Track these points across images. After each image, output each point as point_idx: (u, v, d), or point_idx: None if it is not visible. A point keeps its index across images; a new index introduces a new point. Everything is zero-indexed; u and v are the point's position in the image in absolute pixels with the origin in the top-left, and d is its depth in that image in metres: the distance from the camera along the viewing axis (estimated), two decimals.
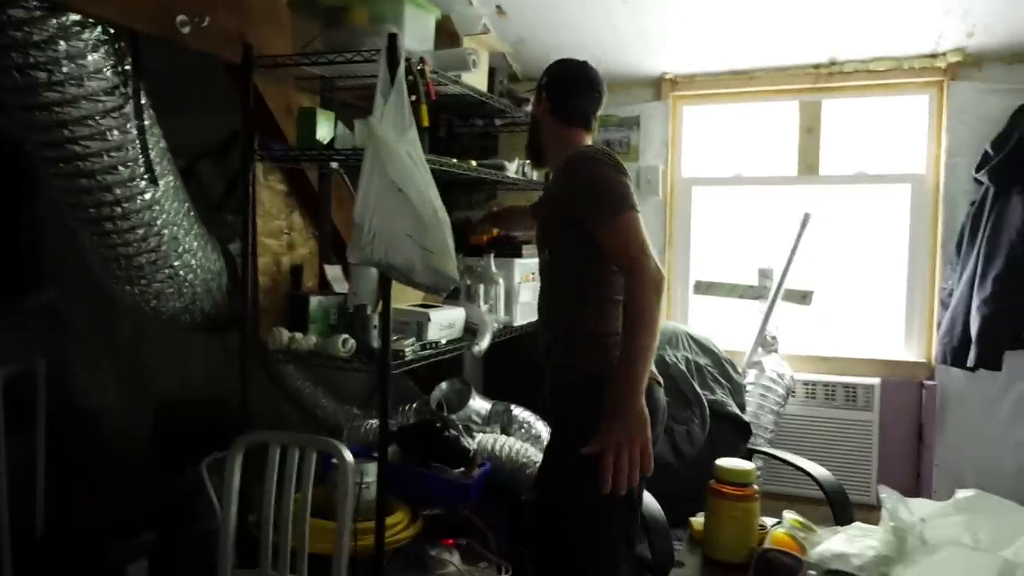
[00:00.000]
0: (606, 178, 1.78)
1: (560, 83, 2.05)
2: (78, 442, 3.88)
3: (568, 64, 2.09)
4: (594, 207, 1.77)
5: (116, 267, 2.31)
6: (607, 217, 1.75)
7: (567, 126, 2.02)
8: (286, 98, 2.51)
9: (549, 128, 2.05)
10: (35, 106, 1.97)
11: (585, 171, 1.83)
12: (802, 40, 2.96)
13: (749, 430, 2.90)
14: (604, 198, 1.76)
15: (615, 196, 1.76)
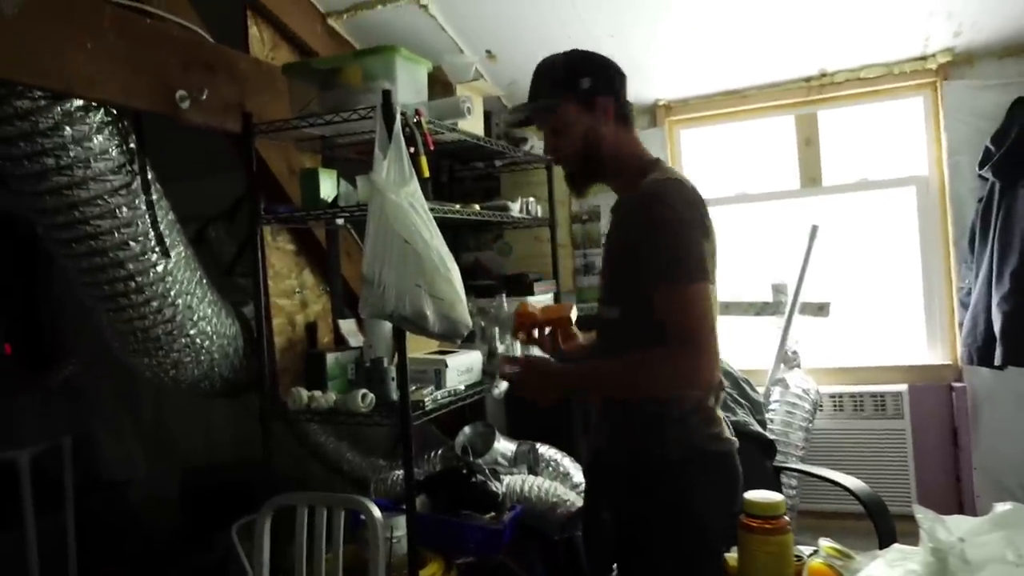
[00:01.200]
0: (674, 229, 1.40)
1: (608, 76, 1.60)
2: (106, 515, 3.89)
3: (590, 54, 1.63)
4: (652, 262, 1.41)
5: (133, 340, 2.33)
6: (673, 279, 1.39)
7: (628, 130, 1.61)
8: (288, 160, 2.56)
9: (612, 139, 1.57)
10: (45, 191, 2.01)
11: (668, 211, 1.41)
12: (791, 55, 2.98)
13: (774, 448, 2.85)
14: (679, 254, 1.39)
15: (686, 256, 1.39)
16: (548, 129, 1.62)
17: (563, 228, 3.47)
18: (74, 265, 2.18)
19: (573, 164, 1.61)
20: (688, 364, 1.37)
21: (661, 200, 1.42)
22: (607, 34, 2.80)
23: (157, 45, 2.10)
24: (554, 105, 1.57)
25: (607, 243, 1.64)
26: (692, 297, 1.38)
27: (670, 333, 1.38)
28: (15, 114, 1.89)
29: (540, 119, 1.64)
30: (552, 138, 1.62)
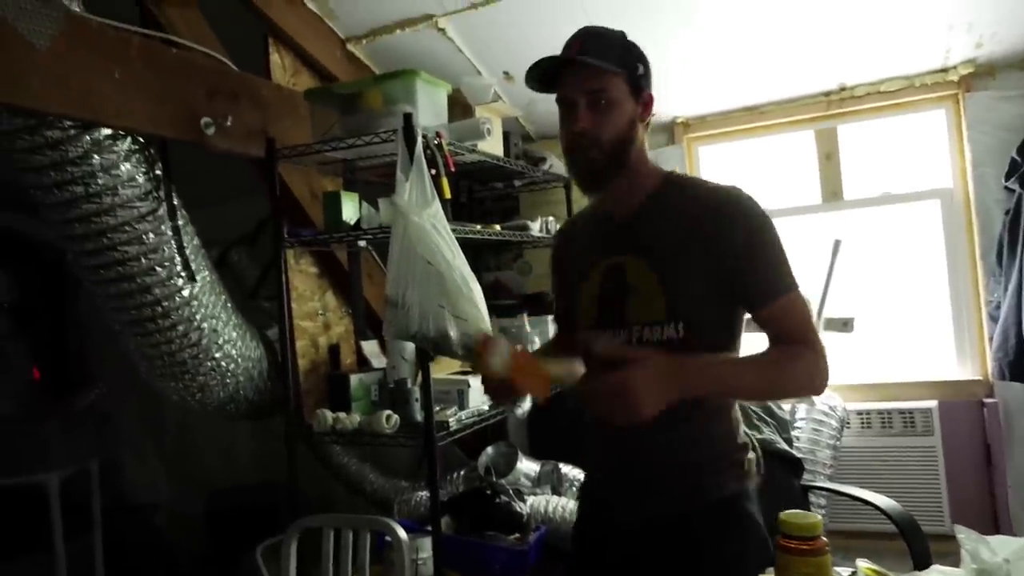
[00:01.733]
0: (777, 238, 1.33)
1: (651, 75, 1.41)
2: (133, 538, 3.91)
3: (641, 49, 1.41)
4: (770, 270, 1.30)
5: (160, 364, 2.36)
6: (782, 288, 1.30)
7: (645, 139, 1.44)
8: (310, 184, 2.59)
9: (641, 140, 1.40)
10: (75, 218, 2.05)
11: (765, 222, 1.32)
12: (809, 70, 2.98)
13: (801, 466, 2.81)
14: (785, 262, 1.32)
15: (787, 263, 1.33)
16: (586, 99, 1.32)
17: None
18: (102, 291, 2.21)
19: (605, 151, 1.33)
20: (825, 366, 1.30)
21: (753, 205, 1.33)
22: None
23: (183, 74, 2.15)
24: (611, 72, 1.31)
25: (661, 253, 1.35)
26: (804, 304, 1.35)
27: (797, 339, 1.30)
28: (45, 144, 1.94)
29: (581, 83, 1.33)
30: (590, 112, 1.32)
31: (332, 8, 2.65)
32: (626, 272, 1.38)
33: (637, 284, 1.36)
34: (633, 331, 1.36)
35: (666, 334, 1.33)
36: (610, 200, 1.43)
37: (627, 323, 1.37)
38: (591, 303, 1.44)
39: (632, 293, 1.37)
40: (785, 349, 1.30)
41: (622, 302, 1.38)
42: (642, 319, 1.35)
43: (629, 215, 1.40)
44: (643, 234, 1.38)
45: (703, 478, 1.38)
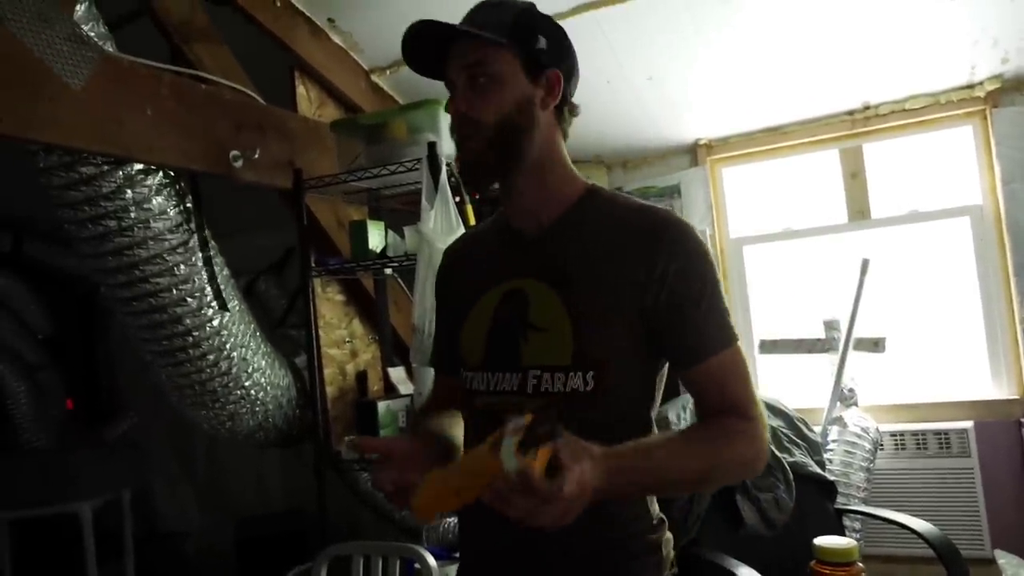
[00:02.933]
0: (717, 279, 1.09)
1: (567, 53, 1.17)
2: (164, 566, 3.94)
3: (553, 21, 1.17)
4: (706, 320, 1.06)
5: (191, 394, 2.39)
6: (722, 342, 1.06)
7: (562, 137, 1.17)
8: (336, 213, 2.62)
9: (547, 131, 1.13)
10: (108, 252, 2.10)
11: (703, 259, 1.08)
12: (832, 89, 2.97)
13: (835, 489, 2.77)
14: (722, 311, 1.08)
15: (725, 310, 1.09)
16: (464, 77, 1.09)
17: None
18: (135, 322, 2.25)
19: (485, 137, 1.07)
20: (765, 444, 1.05)
21: (692, 234, 1.08)
22: (645, 76, 2.83)
23: (211, 109, 2.20)
24: (493, 43, 1.07)
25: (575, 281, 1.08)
26: (744, 362, 1.08)
27: (733, 408, 1.04)
28: (80, 179, 1.99)
29: (460, 58, 1.09)
30: (469, 92, 1.09)
31: (356, 41, 2.70)
32: (528, 301, 1.09)
33: (541, 318, 1.07)
34: (529, 377, 1.06)
35: (570, 384, 1.04)
36: (517, 212, 1.16)
37: (522, 366, 1.07)
38: (478, 338, 1.13)
39: (533, 329, 1.08)
40: (720, 426, 1.03)
41: (518, 339, 1.08)
42: (543, 362, 1.06)
43: (539, 232, 1.13)
44: (555, 257, 1.10)
45: (614, 569, 1.09)
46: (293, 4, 2.54)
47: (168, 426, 4.06)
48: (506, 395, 1.08)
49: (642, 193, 3.47)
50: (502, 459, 0.77)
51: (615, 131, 3.26)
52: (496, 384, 1.10)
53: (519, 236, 1.15)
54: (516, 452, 0.77)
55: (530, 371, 1.06)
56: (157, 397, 3.40)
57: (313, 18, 2.61)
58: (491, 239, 1.24)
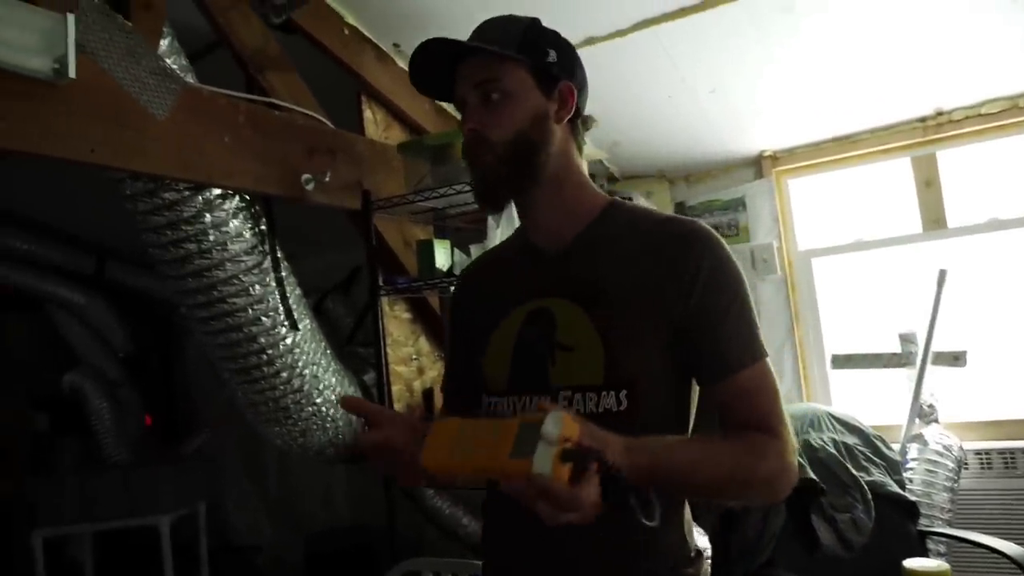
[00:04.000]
0: (747, 291, 1.07)
1: (577, 66, 1.18)
2: None
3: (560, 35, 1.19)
4: (737, 333, 1.03)
5: (265, 410, 2.46)
6: (751, 357, 1.03)
7: (577, 150, 1.16)
8: (402, 232, 2.67)
9: (562, 144, 1.11)
10: (188, 273, 2.19)
11: (733, 269, 1.07)
12: (903, 96, 2.89)
13: (917, 510, 2.66)
14: (752, 324, 1.05)
15: (755, 323, 1.06)
16: (477, 94, 1.08)
17: None
18: (212, 340, 2.34)
19: (499, 154, 1.05)
20: (793, 466, 1.00)
21: (722, 246, 1.07)
22: (708, 89, 2.81)
23: (285, 135, 2.27)
24: (506, 60, 1.07)
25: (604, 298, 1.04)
26: (774, 379, 1.05)
27: (761, 426, 1.01)
28: (163, 205, 2.09)
29: (471, 76, 1.08)
30: (480, 110, 1.07)
31: None
32: (555, 321, 1.05)
33: (569, 337, 1.04)
34: (560, 398, 1.02)
35: (603, 404, 1.01)
36: (537, 229, 1.14)
37: (551, 387, 1.03)
38: (502, 360, 1.09)
39: (561, 348, 1.04)
40: (748, 439, 0.99)
41: (546, 360, 1.05)
42: (574, 383, 1.02)
43: (561, 249, 1.11)
44: (580, 273, 1.07)
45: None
46: (360, 31, 2.62)
47: (240, 442, 4.18)
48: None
49: (706, 207, 3.43)
50: (535, 462, 0.75)
51: (677, 145, 3.24)
52: (523, 408, 1.06)
53: (540, 253, 1.13)
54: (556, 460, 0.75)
55: (561, 392, 1.03)
56: (230, 413, 3.52)
57: (379, 44, 2.69)
58: (511, 258, 1.21)
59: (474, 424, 0.89)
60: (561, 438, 0.76)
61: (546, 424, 0.77)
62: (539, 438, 0.76)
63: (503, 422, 0.83)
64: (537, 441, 0.76)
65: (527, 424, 0.79)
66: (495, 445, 0.80)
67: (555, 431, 0.76)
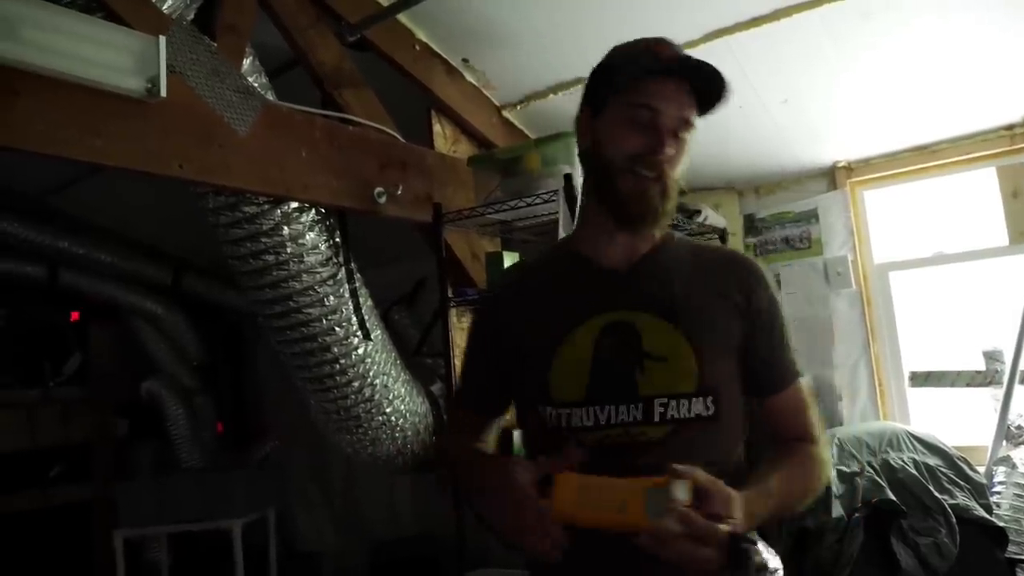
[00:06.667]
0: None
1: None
2: None
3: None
4: (788, 351, 1.20)
5: (337, 419, 2.51)
6: (797, 372, 1.21)
7: None
8: (471, 245, 2.70)
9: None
10: (266, 284, 2.25)
11: (777, 296, 1.21)
12: (987, 103, 2.77)
13: (1005, 537, 2.54)
14: (793, 346, 1.22)
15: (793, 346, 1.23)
16: (676, 126, 1.12)
17: None
18: (287, 349, 2.40)
19: (668, 192, 1.13)
20: (829, 463, 1.18)
21: (768, 275, 1.20)
22: (780, 99, 2.76)
23: (358, 149, 2.33)
24: (695, 109, 1.14)
25: (688, 314, 1.12)
26: (805, 391, 1.21)
27: (805, 434, 1.18)
28: (243, 218, 2.16)
29: (681, 106, 1.12)
30: (674, 143, 1.12)
31: (489, 79, 2.80)
32: (639, 333, 1.11)
33: (658, 348, 1.10)
34: (655, 405, 1.08)
35: (694, 410, 1.09)
36: (606, 248, 1.18)
37: (642, 396, 1.09)
38: (577, 372, 1.11)
39: (649, 358, 1.10)
40: (805, 452, 1.16)
41: (633, 370, 1.10)
42: (666, 391, 1.09)
43: (626, 266, 1.17)
44: (656, 290, 1.14)
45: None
46: (430, 47, 2.67)
47: (307, 450, 4.26)
48: (626, 426, 1.08)
49: (776, 219, 3.37)
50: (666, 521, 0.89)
51: (747, 156, 3.18)
52: (610, 418, 1.09)
53: (603, 271, 1.17)
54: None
55: (655, 399, 1.08)
56: (298, 422, 3.59)
57: (448, 59, 2.73)
58: (561, 274, 1.23)
59: (596, 481, 0.98)
60: (688, 503, 0.90)
61: (675, 491, 0.90)
62: (670, 501, 0.89)
63: (627, 483, 0.94)
64: (668, 503, 0.89)
65: (656, 487, 0.92)
66: (626, 503, 0.93)
67: (684, 497, 0.90)
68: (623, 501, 0.93)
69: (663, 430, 1.08)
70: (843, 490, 2.63)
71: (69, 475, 4.19)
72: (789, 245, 3.34)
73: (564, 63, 2.66)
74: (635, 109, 1.10)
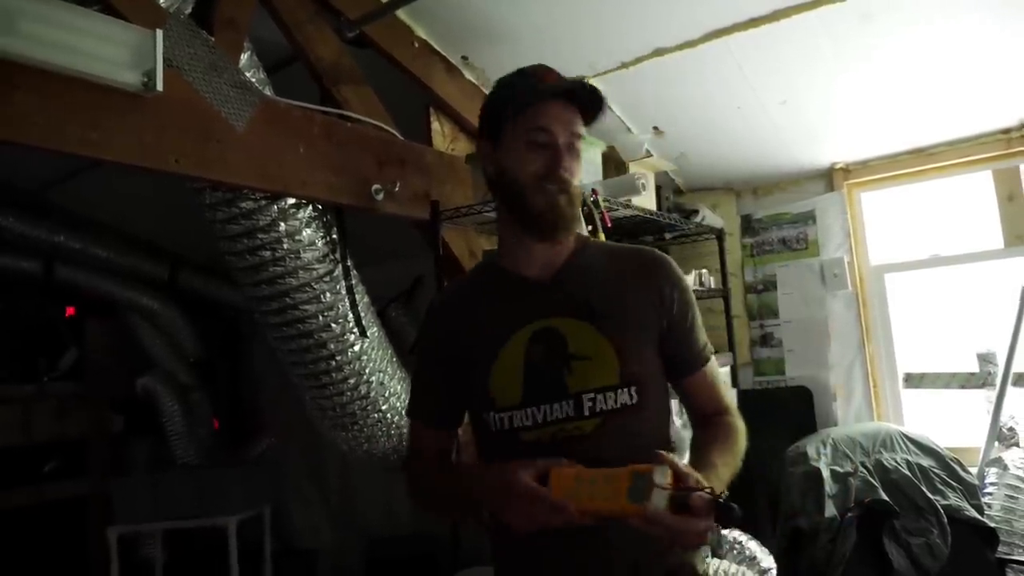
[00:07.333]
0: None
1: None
2: None
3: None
4: (700, 335, 1.33)
5: (332, 416, 2.50)
6: (708, 354, 1.34)
7: None
8: (468, 243, 2.70)
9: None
10: (262, 281, 2.25)
11: (688, 286, 1.34)
12: (985, 107, 2.78)
13: (996, 537, 2.55)
14: (703, 330, 1.35)
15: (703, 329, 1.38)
16: (567, 140, 1.23)
17: (737, 299, 3.37)
18: (284, 346, 2.39)
19: (574, 199, 1.25)
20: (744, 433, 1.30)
21: (677, 267, 1.34)
22: (778, 100, 2.76)
23: (357, 146, 2.32)
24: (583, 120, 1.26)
25: (607, 315, 1.24)
26: (716, 368, 1.36)
27: (722, 408, 1.32)
28: (240, 214, 2.15)
29: (569, 123, 1.24)
30: (568, 154, 1.23)
31: (488, 77, 2.80)
32: (564, 336, 1.22)
33: (583, 349, 1.21)
34: (584, 400, 1.19)
35: (620, 400, 1.21)
36: (527, 261, 1.28)
37: (571, 393, 1.20)
38: (513, 379, 1.22)
39: (575, 359, 1.21)
40: (730, 425, 1.28)
41: (561, 370, 1.21)
42: (593, 385, 1.20)
43: (549, 275, 1.28)
44: (576, 296, 1.25)
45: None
46: (429, 44, 2.67)
47: (303, 447, 4.26)
48: (561, 423, 1.20)
49: (773, 220, 3.37)
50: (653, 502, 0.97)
51: (745, 157, 3.19)
52: (546, 416, 1.20)
53: (528, 282, 1.27)
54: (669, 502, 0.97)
55: (583, 395, 1.20)
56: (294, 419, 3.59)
57: (448, 56, 2.73)
58: (490, 289, 1.32)
59: (589, 472, 1.07)
60: (669, 484, 0.98)
61: (656, 475, 0.98)
62: (653, 485, 0.97)
63: (615, 471, 1.03)
64: (651, 487, 0.97)
65: (638, 473, 1.00)
66: (612, 491, 1.02)
67: (663, 480, 0.98)
68: (613, 489, 1.02)
69: (593, 423, 1.19)
70: (836, 490, 2.64)
71: (64, 471, 4.18)
72: (786, 246, 3.35)
73: (563, 62, 2.61)
74: (531, 132, 1.21)
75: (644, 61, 2.59)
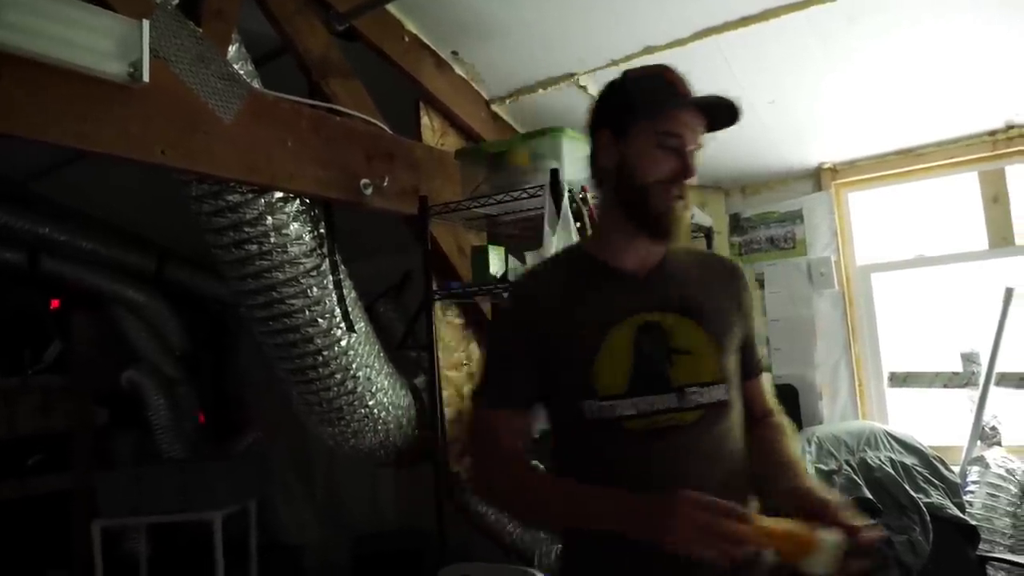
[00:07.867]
0: None
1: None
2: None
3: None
4: (759, 345, 1.50)
5: (319, 411, 2.50)
6: (766, 361, 1.49)
7: None
8: (457, 238, 2.70)
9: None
10: (249, 274, 2.24)
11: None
12: (972, 109, 2.80)
13: (977, 534, 2.58)
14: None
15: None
16: (695, 148, 1.27)
17: None
18: (270, 340, 2.38)
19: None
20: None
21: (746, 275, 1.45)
22: (767, 100, 2.77)
23: (345, 140, 2.32)
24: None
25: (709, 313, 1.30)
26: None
27: (774, 411, 1.43)
28: (227, 207, 2.14)
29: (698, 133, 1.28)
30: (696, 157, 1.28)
31: (478, 72, 2.79)
32: (668, 331, 1.26)
33: (685, 343, 1.26)
34: (687, 393, 1.24)
35: (716, 396, 1.26)
36: (626, 255, 1.31)
37: (674, 387, 1.24)
38: (621, 369, 1.24)
39: (677, 353, 1.26)
40: (783, 425, 1.40)
41: (664, 364, 1.25)
42: (695, 380, 1.25)
43: (646, 271, 1.31)
44: (677, 293, 1.30)
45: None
46: (419, 38, 2.66)
47: (290, 442, 4.25)
48: (665, 413, 1.23)
49: (761, 219, 3.39)
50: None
51: (734, 156, 3.20)
52: (650, 406, 1.23)
53: (627, 276, 1.30)
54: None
55: (685, 389, 1.24)
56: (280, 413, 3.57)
57: (438, 51, 2.72)
58: (587, 278, 1.32)
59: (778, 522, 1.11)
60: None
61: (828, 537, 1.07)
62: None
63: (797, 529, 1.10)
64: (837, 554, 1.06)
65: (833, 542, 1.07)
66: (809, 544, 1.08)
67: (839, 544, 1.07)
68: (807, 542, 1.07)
69: (696, 414, 1.24)
70: None
71: (48, 464, 4.15)
72: (774, 245, 3.37)
73: (553, 59, 2.67)
74: (664, 136, 1.23)
75: (634, 59, 2.59)
